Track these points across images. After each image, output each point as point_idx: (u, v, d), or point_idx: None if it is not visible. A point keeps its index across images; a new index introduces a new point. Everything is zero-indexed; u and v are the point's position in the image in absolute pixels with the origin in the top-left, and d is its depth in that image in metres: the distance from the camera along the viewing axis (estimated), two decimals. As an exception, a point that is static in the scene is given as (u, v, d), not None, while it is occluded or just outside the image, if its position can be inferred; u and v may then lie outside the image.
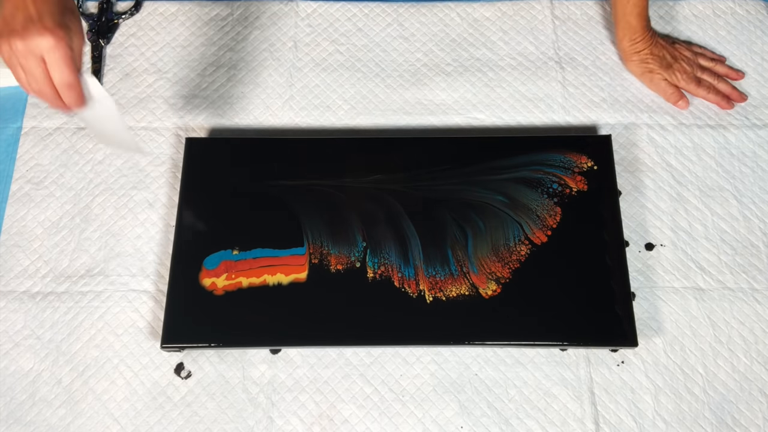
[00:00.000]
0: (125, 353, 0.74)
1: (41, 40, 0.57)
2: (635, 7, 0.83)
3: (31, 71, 0.59)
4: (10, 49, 0.58)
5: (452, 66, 0.89)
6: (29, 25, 0.57)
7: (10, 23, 0.58)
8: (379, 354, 0.74)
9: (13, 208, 0.81)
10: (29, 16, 0.58)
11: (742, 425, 0.71)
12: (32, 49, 0.58)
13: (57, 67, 0.59)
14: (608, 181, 0.78)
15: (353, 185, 0.78)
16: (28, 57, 0.58)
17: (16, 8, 0.58)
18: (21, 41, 0.57)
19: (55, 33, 0.58)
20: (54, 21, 0.58)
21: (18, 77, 0.60)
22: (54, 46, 0.58)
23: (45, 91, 0.60)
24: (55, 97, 0.61)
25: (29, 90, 0.61)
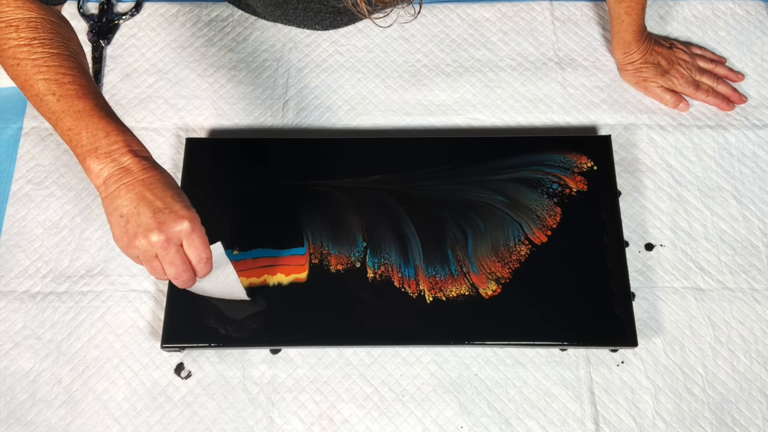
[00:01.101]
0: (125, 353, 0.74)
1: (179, 227, 0.58)
2: (630, 26, 0.83)
3: (170, 260, 0.59)
4: (148, 244, 0.58)
5: (452, 66, 0.89)
6: (161, 216, 0.58)
7: (140, 221, 0.58)
8: (379, 354, 0.74)
9: (14, 208, 0.81)
10: (158, 208, 0.58)
11: (742, 425, 0.71)
12: (171, 238, 0.58)
13: (195, 248, 0.60)
14: (608, 182, 0.78)
15: (353, 185, 0.78)
16: (168, 247, 0.58)
17: (139, 205, 0.58)
18: (159, 234, 0.58)
19: (189, 218, 0.59)
20: (182, 206, 0.59)
21: (153, 269, 0.60)
22: (191, 230, 0.59)
23: (183, 275, 0.61)
24: (191, 277, 0.62)
25: (162, 277, 0.61)
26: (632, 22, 0.83)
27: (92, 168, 0.59)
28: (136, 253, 0.59)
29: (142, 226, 0.58)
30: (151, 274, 0.61)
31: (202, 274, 0.62)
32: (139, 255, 0.60)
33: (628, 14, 0.82)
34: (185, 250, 0.60)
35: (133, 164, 0.59)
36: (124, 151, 0.59)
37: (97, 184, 0.60)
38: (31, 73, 0.60)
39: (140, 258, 0.60)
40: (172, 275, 0.61)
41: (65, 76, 0.60)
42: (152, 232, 0.58)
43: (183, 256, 0.60)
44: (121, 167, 0.59)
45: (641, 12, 0.82)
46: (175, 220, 0.58)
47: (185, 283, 0.62)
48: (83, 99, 0.60)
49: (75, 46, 0.64)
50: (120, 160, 0.59)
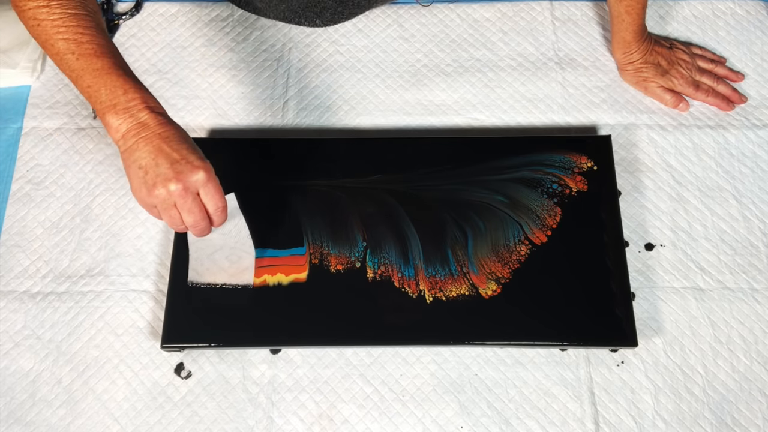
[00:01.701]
0: (125, 353, 0.74)
1: (196, 176, 0.62)
2: (630, 25, 0.83)
3: (188, 208, 0.63)
4: (167, 193, 0.62)
5: (452, 66, 0.89)
6: (179, 167, 0.62)
7: (158, 171, 0.62)
8: (379, 354, 0.74)
9: (14, 208, 0.81)
10: (175, 159, 0.62)
11: (742, 425, 0.71)
12: (189, 187, 0.62)
13: (211, 196, 0.64)
14: (608, 182, 0.78)
15: (353, 185, 0.78)
16: (186, 196, 0.62)
17: (157, 157, 0.62)
18: (177, 183, 0.61)
19: (204, 167, 0.63)
20: (198, 158, 0.63)
21: (171, 219, 0.64)
22: (207, 179, 0.63)
23: (201, 223, 0.65)
24: (208, 226, 0.66)
25: (180, 227, 0.65)
26: (632, 21, 0.83)
27: (111, 123, 0.62)
28: (154, 202, 0.63)
29: (161, 177, 0.61)
30: (170, 224, 0.65)
31: (218, 222, 0.66)
32: (158, 204, 0.63)
33: (629, 13, 0.82)
34: (202, 199, 0.64)
35: (149, 119, 0.62)
36: (141, 107, 0.63)
37: (116, 138, 0.63)
38: (51, 33, 0.63)
39: (158, 208, 0.63)
40: (190, 223, 0.64)
41: (83, 35, 0.63)
42: (170, 181, 0.61)
43: (200, 205, 0.64)
44: (138, 122, 0.62)
45: (641, 11, 0.82)
46: (191, 170, 0.62)
47: (202, 231, 0.66)
48: (102, 57, 0.63)
49: (92, 5, 0.66)
50: (137, 116, 0.62)
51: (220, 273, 0.73)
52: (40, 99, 0.87)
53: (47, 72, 0.88)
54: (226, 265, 0.72)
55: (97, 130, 0.85)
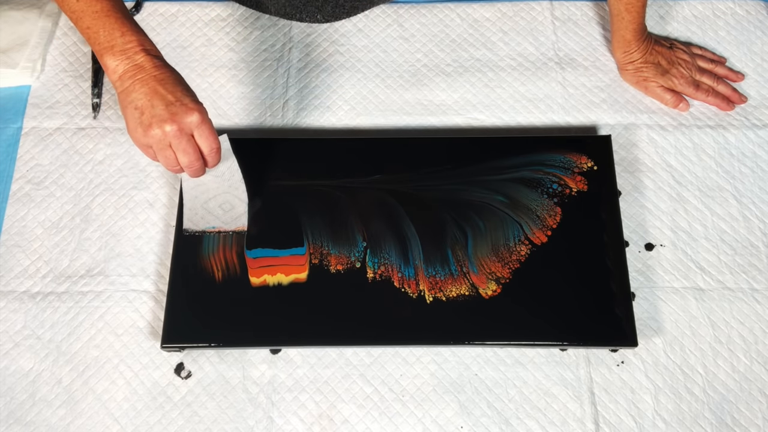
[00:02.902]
0: (125, 353, 0.74)
1: (190, 118, 0.64)
2: (630, 23, 0.83)
3: (183, 148, 0.65)
4: (162, 133, 0.63)
5: (452, 66, 0.89)
6: (174, 108, 0.63)
7: (153, 112, 0.63)
8: (379, 354, 0.74)
9: (13, 208, 0.81)
10: (170, 101, 0.64)
11: (742, 425, 0.71)
12: (183, 128, 0.64)
13: (205, 138, 0.65)
14: (608, 182, 0.78)
15: (353, 185, 0.78)
16: (180, 137, 0.64)
17: (153, 98, 0.63)
18: (172, 124, 0.63)
19: (198, 109, 0.64)
20: (192, 100, 0.65)
21: (166, 159, 0.66)
22: (201, 121, 0.64)
23: (195, 163, 0.66)
24: (202, 166, 0.68)
25: (176, 167, 0.66)
26: (632, 20, 0.83)
27: (109, 64, 0.64)
28: (150, 142, 0.64)
29: (156, 117, 0.63)
30: (165, 165, 0.66)
31: (212, 163, 0.68)
32: (153, 145, 0.64)
33: (629, 12, 0.82)
34: (197, 140, 0.65)
35: (146, 62, 0.64)
36: (137, 50, 0.64)
37: (113, 79, 0.65)
38: None
39: (154, 148, 0.65)
40: (185, 163, 0.66)
41: None
42: (166, 122, 0.63)
43: (195, 146, 0.65)
44: (135, 64, 0.64)
45: (642, 10, 0.82)
46: (186, 111, 0.63)
47: (197, 171, 0.68)
48: (101, 0, 0.65)
49: None
50: (134, 58, 0.64)
51: (214, 220, 0.74)
52: (40, 99, 0.87)
53: (47, 72, 0.88)
54: (220, 212, 0.74)
55: (97, 130, 0.85)
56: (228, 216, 0.75)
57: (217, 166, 0.70)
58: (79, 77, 0.88)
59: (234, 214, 0.75)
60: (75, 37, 0.90)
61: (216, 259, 0.74)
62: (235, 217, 0.75)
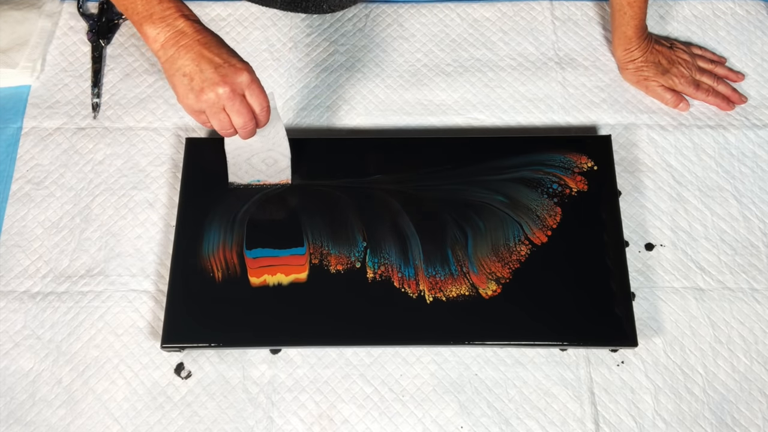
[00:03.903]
0: (125, 353, 0.74)
1: (241, 77, 0.63)
2: (632, 19, 0.83)
3: (237, 109, 0.64)
4: (215, 96, 0.63)
5: (452, 66, 0.89)
6: (223, 70, 0.63)
7: (204, 76, 0.63)
8: (379, 354, 0.74)
9: (13, 208, 0.81)
10: (218, 63, 0.63)
11: (742, 425, 0.71)
12: (235, 89, 0.63)
13: (256, 96, 0.65)
14: (608, 182, 0.78)
15: (353, 185, 0.78)
16: (234, 98, 0.64)
17: (200, 63, 0.63)
18: (224, 86, 0.63)
19: (247, 69, 0.64)
20: (239, 59, 0.65)
21: (220, 123, 0.66)
22: (251, 80, 0.64)
23: (249, 124, 0.66)
24: (255, 127, 0.67)
25: (229, 130, 0.66)
26: (635, 15, 0.82)
27: (149, 33, 0.64)
28: (203, 107, 0.64)
29: (207, 81, 0.63)
30: (218, 128, 0.66)
31: (263, 122, 0.68)
32: (206, 109, 0.64)
33: (631, 7, 0.82)
34: (248, 100, 0.65)
35: (187, 27, 0.64)
36: (177, 16, 0.64)
37: (155, 48, 0.64)
38: None
39: (207, 113, 0.65)
40: (239, 125, 0.66)
41: None
42: (218, 85, 0.63)
43: (248, 106, 0.65)
44: (176, 30, 0.64)
45: (644, 5, 0.82)
46: (235, 72, 0.63)
47: (250, 132, 0.67)
48: None
49: None
50: (174, 24, 0.64)
51: (258, 174, 0.76)
52: (40, 99, 0.87)
53: (47, 72, 0.88)
54: (264, 167, 0.75)
55: (97, 130, 0.85)
56: (272, 170, 0.76)
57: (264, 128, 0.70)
58: (79, 77, 0.88)
59: (278, 168, 0.76)
60: (75, 37, 0.90)
61: (216, 259, 0.74)
62: (279, 171, 0.76)
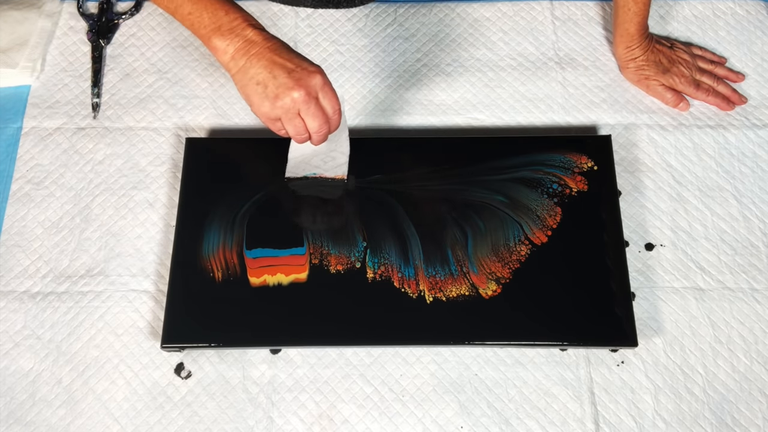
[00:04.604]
0: (125, 353, 0.74)
1: (314, 81, 0.64)
2: (635, 16, 0.83)
3: (313, 113, 0.64)
4: (291, 101, 0.63)
5: (452, 66, 0.89)
6: (296, 75, 0.63)
7: (278, 83, 0.63)
8: (379, 354, 0.74)
9: (13, 208, 0.81)
10: (290, 68, 0.64)
11: (742, 425, 0.71)
12: (310, 92, 0.64)
13: (329, 98, 0.65)
14: (608, 182, 0.78)
15: (353, 185, 0.78)
16: (309, 101, 0.64)
17: (273, 69, 0.63)
18: (299, 90, 0.63)
19: (319, 71, 0.65)
20: (310, 63, 0.65)
21: (295, 128, 0.66)
22: (324, 82, 0.65)
23: (324, 127, 0.66)
24: (328, 131, 0.67)
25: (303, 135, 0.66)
26: (638, 11, 0.82)
27: (218, 46, 0.65)
28: (278, 114, 0.64)
29: (282, 87, 0.63)
30: (293, 134, 0.66)
31: (335, 124, 0.67)
32: (282, 115, 0.64)
33: (636, 2, 0.82)
34: (321, 102, 0.65)
35: (255, 36, 0.65)
36: (244, 26, 0.65)
37: (225, 60, 0.65)
38: None
39: (282, 119, 0.65)
40: (315, 128, 0.65)
41: None
42: (292, 89, 0.63)
43: (322, 108, 0.65)
44: (245, 40, 0.64)
45: (648, 1, 0.82)
46: (309, 75, 0.64)
47: (324, 136, 0.67)
48: None
49: None
50: (243, 34, 0.64)
51: (315, 168, 0.76)
52: (39, 99, 0.87)
53: (47, 72, 0.88)
54: (321, 163, 0.76)
55: (97, 130, 0.85)
56: (329, 165, 0.76)
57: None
58: (79, 77, 0.88)
59: (335, 164, 0.76)
60: (75, 37, 0.90)
61: (216, 259, 0.74)
62: (336, 166, 0.76)
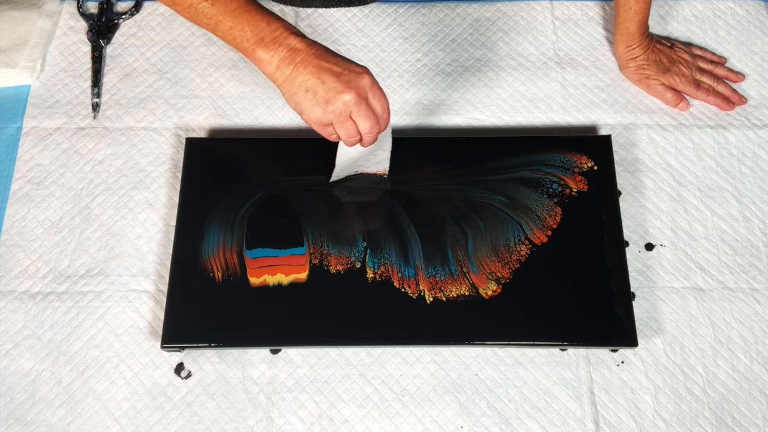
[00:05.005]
0: (125, 353, 0.74)
1: (363, 81, 0.64)
2: (636, 14, 0.83)
3: (364, 113, 0.64)
4: (342, 105, 0.63)
5: (452, 66, 0.89)
6: (345, 77, 0.63)
7: (327, 87, 0.63)
8: (379, 354, 0.74)
9: (13, 208, 0.81)
10: (338, 72, 0.63)
11: (742, 425, 0.71)
12: (360, 93, 0.63)
13: (379, 98, 0.65)
14: (608, 182, 0.78)
15: (353, 185, 0.78)
16: (360, 102, 0.64)
17: (321, 75, 0.63)
18: (350, 92, 0.63)
19: (366, 72, 0.64)
20: (356, 64, 0.65)
21: (347, 131, 0.65)
22: (372, 82, 0.64)
23: (375, 127, 0.66)
24: (378, 131, 0.67)
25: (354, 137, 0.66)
26: (639, 10, 0.82)
27: (263, 57, 0.64)
28: (330, 118, 0.64)
29: (332, 91, 0.63)
30: (345, 138, 0.66)
31: (385, 124, 0.67)
32: (334, 120, 0.64)
33: (636, 0, 0.82)
34: (370, 102, 0.65)
35: (298, 43, 0.64)
36: (287, 35, 0.64)
37: (270, 71, 0.64)
38: None
39: (334, 123, 0.65)
40: (366, 129, 0.65)
41: None
42: (343, 93, 0.63)
43: (372, 109, 0.65)
44: (289, 49, 0.64)
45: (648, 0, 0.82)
46: (357, 76, 0.63)
47: (375, 137, 0.67)
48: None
49: None
50: (286, 43, 0.64)
51: (359, 167, 0.76)
52: (39, 99, 0.87)
53: (47, 72, 0.88)
54: (363, 161, 0.75)
55: (97, 130, 0.85)
56: (370, 162, 0.76)
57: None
58: (79, 77, 0.88)
59: (376, 159, 0.76)
60: (75, 37, 0.90)
61: (216, 259, 0.74)
62: (377, 162, 0.76)
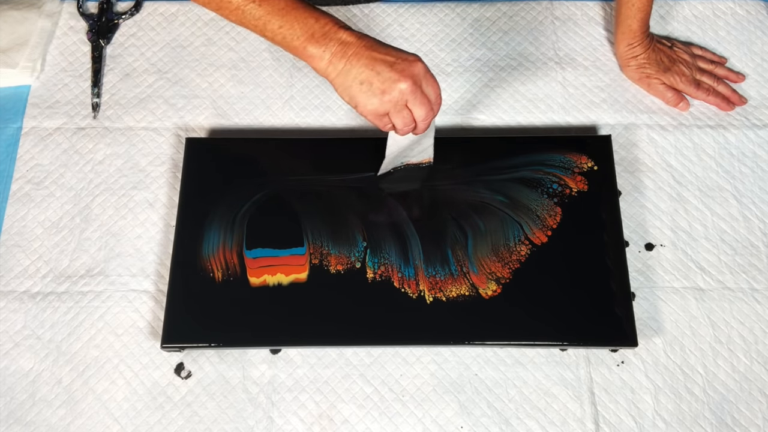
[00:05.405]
0: (125, 353, 0.74)
1: (417, 69, 0.63)
2: (639, 12, 0.83)
3: (419, 101, 0.64)
4: (399, 93, 0.63)
5: (452, 66, 0.89)
6: (399, 66, 0.63)
7: (382, 78, 0.63)
8: (379, 354, 0.74)
9: (13, 208, 0.81)
10: (391, 62, 0.63)
11: (742, 425, 0.71)
12: (416, 81, 0.63)
13: (431, 84, 0.65)
14: (608, 182, 0.78)
15: (353, 185, 0.78)
16: (415, 90, 0.63)
17: (374, 66, 0.63)
18: (405, 80, 0.63)
19: (418, 59, 0.64)
20: (407, 53, 0.64)
21: (403, 120, 0.65)
22: (425, 69, 0.64)
23: (430, 113, 0.66)
24: (432, 117, 0.67)
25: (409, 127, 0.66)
26: (642, 7, 0.82)
27: (314, 54, 0.64)
28: (387, 108, 0.64)
29: (388, 81, 0.63)
30: (401, 126, 0.66)
31: (437, 109, 0.67)
32: (390, 109, 0.64)
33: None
34: (424, 90, 0.64)
35: (348, 36, 0.64)
36: (336, 29, 0.64)
37: (322, 67, 0.64)
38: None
39: (391, 112, 0.64)
40: (422, 116, 0.65)
41: None
42: (398, 81, 0.62)
43: (426, 95, 0.65)
44: (340, 43, 0.64)
45: None
46: (410, 64, 0.63)
47: (429, 123, 0.67)
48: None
49: None
50: (336, 38, 0.64)
51: (404, 158, 0.76)
52: (39, 99, 0.87)
53: (47, 72, 0.88)
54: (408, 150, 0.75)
55: (97, 130, 0.85)
56: (415, 151, 0.75)
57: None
58: (79, 77, 0.88)
59: (421, 148, 0.75)
60: (75, 37, 0.90)
61: (216, 259, 0.74)
62: (422, 150, 0.76)
